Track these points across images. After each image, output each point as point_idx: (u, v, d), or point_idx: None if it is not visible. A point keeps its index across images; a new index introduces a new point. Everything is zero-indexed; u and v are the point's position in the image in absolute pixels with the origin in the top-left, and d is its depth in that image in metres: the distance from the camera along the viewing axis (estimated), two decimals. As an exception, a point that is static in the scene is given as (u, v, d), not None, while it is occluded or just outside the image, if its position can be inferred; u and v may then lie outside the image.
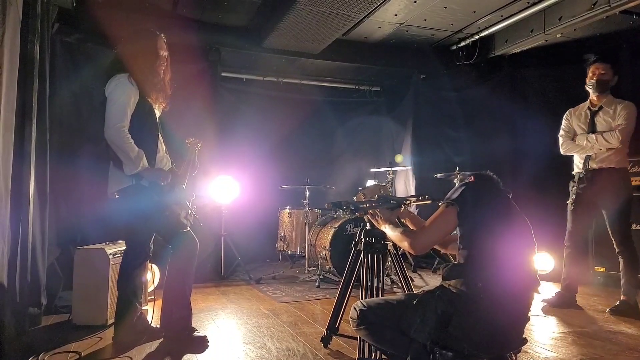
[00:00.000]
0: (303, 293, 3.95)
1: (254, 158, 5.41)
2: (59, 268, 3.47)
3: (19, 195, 2.68)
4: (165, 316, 2.54)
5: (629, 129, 3.21)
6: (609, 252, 4.11)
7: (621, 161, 3.28)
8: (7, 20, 2.34)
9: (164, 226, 2.53)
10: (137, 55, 2.45)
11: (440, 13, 4.43)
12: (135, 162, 2.36)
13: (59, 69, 3.72)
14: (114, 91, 2.37)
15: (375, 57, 5.36)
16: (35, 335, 2.76)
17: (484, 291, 1.58)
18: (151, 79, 2.48)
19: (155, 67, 2.50)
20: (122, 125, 2.33)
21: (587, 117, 3.41)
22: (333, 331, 2.47)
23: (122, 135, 2.32)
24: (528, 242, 1.73)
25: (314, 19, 4.11)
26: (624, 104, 3.30)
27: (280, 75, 5.72)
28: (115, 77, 2.41)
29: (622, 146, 3.23)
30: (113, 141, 2.34)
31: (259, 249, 5.57)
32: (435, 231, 1.78)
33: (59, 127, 3.69)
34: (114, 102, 2.36)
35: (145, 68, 2.46)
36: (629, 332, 2.83)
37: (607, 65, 3.36)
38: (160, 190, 2.47)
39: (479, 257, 1.65)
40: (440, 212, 1.77)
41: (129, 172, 2.38)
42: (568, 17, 4.18)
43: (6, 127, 2.42)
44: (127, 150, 2.34)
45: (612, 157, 3.27)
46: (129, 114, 2.38)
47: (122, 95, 2.37)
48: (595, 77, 3.36)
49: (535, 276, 1.70)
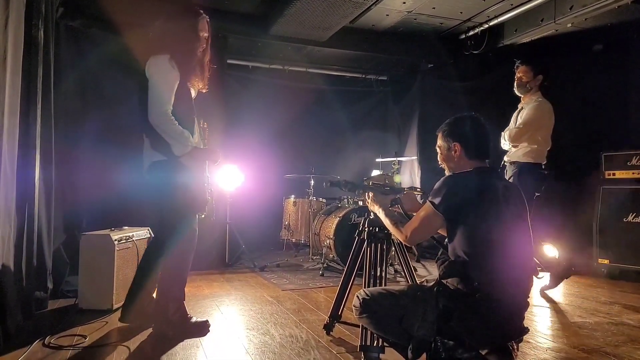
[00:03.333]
0: (307, 281, 3.96)
1: (259, 146, 5.40)
2: (65, 253, 3.50)
3: (24, 180, 2.69)
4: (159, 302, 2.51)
5: (525, 130, 3.52)
6: (613, 244, 4.12)
7: (523, 156, 3.54)
8: (11, 4, 2.33)
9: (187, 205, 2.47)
10: (178, 35, 2.38)
11: (449, 1, 4.36)
12: (184, 144, 2.36)
13: (63, 54, 3.70)
14: (156, 74, 2.33)
15: (383, 45, 5.29)
16: (42, 318, 2.80)
17: (480, 288, 1.58)
18: (190, 62, 2.41)
19: (195, 49, 2.43)
20: (167, 110, 2.31)
21: (515, 115, 3.74)
22: (336, 319, 2.48)
23: (167, 120, 2.30)
24: (521, 231, 1.72)
25: (321, 6, 4.06)
26: (533, 105, 3.56)
27: (286, 63, 5.67)
28: (157, 57, 2.35)
29: (526, 144, 3.52)
30: (158, 126, 2.31)
31: (264, 237, 5.60)
32: (423, 230, 1.82)
33: (64, 113, 3.68)
34: (158, 86, 2.32)
35: (187, 50, 2.39)
36: (631, 324, 2.83)
37: (527, 68, 3.61)
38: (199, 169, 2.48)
39: (471, 255, 1.64)
40: (426, 213, 1.78)
41: (179, 153, 2.37)
42: (579, 6, 4.10)
43: (11, 112, 2.42)
44: (174, 134, 2.33)
45: (517, 153, 3.58)
46: (172, 98, 2.34)
47: (165, 79, 2.32)
48: (516, 80, 3.67)
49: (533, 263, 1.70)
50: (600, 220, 4.23)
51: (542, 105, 3.55)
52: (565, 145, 3.94)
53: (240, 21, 4.70)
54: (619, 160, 4.24)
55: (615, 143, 4.53)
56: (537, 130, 3.52)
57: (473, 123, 1.89)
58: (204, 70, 2.55)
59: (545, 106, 3.55)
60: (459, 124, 1.90)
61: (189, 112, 2.48)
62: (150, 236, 3.41)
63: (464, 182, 1.76)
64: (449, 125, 1.92)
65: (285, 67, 5.71)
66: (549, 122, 3.56)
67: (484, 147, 1.88)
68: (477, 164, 1.83)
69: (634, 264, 3.98)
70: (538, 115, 3.52)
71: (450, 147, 1.87)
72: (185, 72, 2.41)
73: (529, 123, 3.52)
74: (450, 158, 1.89)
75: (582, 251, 3.79)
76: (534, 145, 3.53)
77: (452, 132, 1.89)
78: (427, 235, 1.87)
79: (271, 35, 4.79)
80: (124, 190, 3.76)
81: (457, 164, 1.86)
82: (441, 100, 5.55)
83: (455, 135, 1.87)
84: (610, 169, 4.29)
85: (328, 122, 6.19)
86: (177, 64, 2.35)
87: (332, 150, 6.22)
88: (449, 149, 1.88)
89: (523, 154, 3.56)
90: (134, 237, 3.20)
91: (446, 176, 1.82)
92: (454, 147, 1.86)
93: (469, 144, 1.85)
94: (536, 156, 3.54)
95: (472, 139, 1.86)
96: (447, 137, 1.89)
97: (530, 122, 3.51)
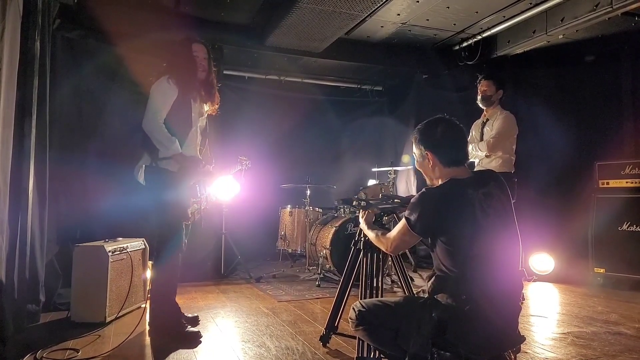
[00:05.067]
0: (303, 292, 3.94)
1: (255, 156, 5.35)
2: (58, 265, 3.46)
3: (18, 191, 2.67)
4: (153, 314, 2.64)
5: (499, 140, 3.64)
6: (609, 253, 4.12)
7: (500, 166, 3.64)
8: (8, 15, 2.34)
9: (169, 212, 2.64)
10: (175, 59, 2.73)
11: (443, 13, 4.41)
12: (168, 146, 2.58)
13: (59, 65, 3.70)
14: (154, 91, 2.64)
15: (378, 56, 5.34)
16: (34, 332, 2.76)
17: (469, 302, 1.57)
18: (189, 80, 2.69)
19: (192, 69, 2.71)
20: (157, 117, 2.57)
21: (479, 127, 3.88)
22: (332, 330, 2.46)
23: (156, 125, 2.56)
24: (505, 239, 1.67)
25: (316, 18, 4.09)
26: (501, 116, 3.72)
27: (282, 74, 5.70)
28: (158, 80, 2.68)
29: (501, 153, 3.66)
30: (148, 129, 2.57)
31: (260, 248, 5.56)
32: (402, 245, 1.84)
33: (59, 124, 3.67)
34: (153, 99, 2.62)
35: (184, 70, 2.69)
36: (628, 333, 2.82)
37: (490, 82, 3.78)
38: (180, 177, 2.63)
39: (456, 270, 1.62)
40: (403, 229, 1.74)
41: (162, 156, 2.60)
42: (570, 18, 4.16)
43: (5, 123, 2.42)
44: (160, 138, 2.57)
45: (492, 163, 3.69)
46: (166, 109, 2.60)
47: (161, 93, 2.62)
48: (480, 93, 3.82)
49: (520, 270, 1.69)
50: (595, 229, 4.24)
51: (510, 116, 3.75)
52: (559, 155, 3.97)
53: (237, 32, 4.73)
54: (613, 170, 4.26)
55: (609, 152, 4.57)
56: (508, 139, 3.70)
57: (445, 127, 1.77)
58: (211, 87, 2.83)
59: (512, 117, 3.75)
60: (430, 129, 1.79)
61: (184, 124, 2.69)
62: (145, 247, 3.39)
63: (438, 199, 1.67)
64: (420, 132, 1.81)
65: (281, 77, 5.74)
66: (515, 133, 3.76)
67: (459, 152, 1.76)
68: (454, 171, 1.74)
69: (629, 273, 3.98)
70: (510, 126, 3.71)
71: (424, 156, 1.79)
72: (184, 88, 2.66)
73: (503, 133, 3.67)
74: (425, 167, 1.81)
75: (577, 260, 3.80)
76: (506, 154, 3.69)
77: (423, 140, 1.79)
78: (407, 247, 1.92)
79: (267, 46, 4.82)
80: (119, 201, 3.73)
81: (433, 173, 1.79)
82: (436, 110, 5.48)
83: (428, 143, 1.77)
84: (604, 178, 4.32)
85: (324, 132, 6.21)
86: (175, 83, 2.64)
87: (328, 160, 6.23)
88: (422, 157, 1.80)
89: (499, 164, 3.68)
90: (128, 248, 3.17)
91: (422, 192, 1.71)
92: (427, 155, 1.77)
93: (443, 152, 1.74)
94: (510, 165, 3.72)
95: (446, 146, 1.75)
96: (419, 145, 1.80)
97: (503, 132, 3.67)
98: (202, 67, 2.75)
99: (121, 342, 2.49)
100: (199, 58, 2.75)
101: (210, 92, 2.83)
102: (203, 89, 2.77)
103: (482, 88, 3.83)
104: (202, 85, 2.77)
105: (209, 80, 2.81)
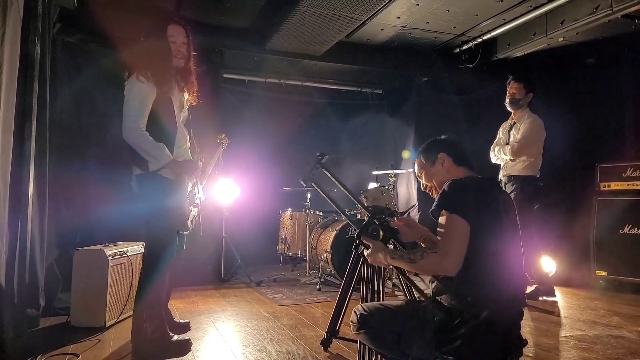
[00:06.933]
0: (304, 296, 3.92)
1: (256, 159, 5.40)
2: (58, 269, 3.45)
3: (18, 195, 2.67)
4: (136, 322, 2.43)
5: (524, 144, 3.64)
6: (610, 256, 4.11)
7: (524, 170, 3.67)
8: (8, 20, 2.34)
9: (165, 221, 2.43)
10: (149, 49, 2.39)
11: (443, 16, 4.42)
12: (158, 157, 2.32)
13: (60, 70, 3.71)
14: (128, 93, 2.35)
15: (378, 59, 5.34)
16: (33, 337, 2.75)
17: (474, 304, 1.56)
18: (164, 73, 2.39)
19: (168, 58, 2.40)
20: (138, 124, 2.30)
21: (507, 130, 3.87)
22: (333, 334, 2.45)
23: (138, 134, 2.29)
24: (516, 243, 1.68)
25: (316, 21, 4.10)
26: (528, 120, 3.70)
27: (282, 77, 5.70)
28: (135, 76, 2.36)
29: (525, 157, 3.65)
30: (131, 141, 2.31)
31: (260, 251, 5.55)
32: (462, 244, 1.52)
33: (59, 128, 3.68)
34: (128, 103, 2.33)
35: (159, 61, 2.38)
36: (630, 337, 2.80)
37: (520, 85, 3.75)
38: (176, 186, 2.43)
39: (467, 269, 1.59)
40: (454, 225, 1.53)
41: (154, 168, 2.33)
42: (570, 21, 4.16)
43: (5, 127, 2.41)
44: (146, 148, 2.31)
45: (516, 167, 3.70)
46: (146, 112, 2.33)
47: (135, 95, 2.33)
48: (509, 96, 3.79)
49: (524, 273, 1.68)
50: (597, 232, 4.23)
51: (537, 120, 3.72)
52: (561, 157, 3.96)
53: (237, 36, 4.74)
54: (614, 172, 4.26)
55: (610, 155, 4.56)
56: (534, 144, 3.68)
57: (448, 137, 1.86)
58: (188, 77, 2.51)
59: (539, 122, 3.73)
60: (434, 142, 1.86)
61: (169, 126, 2.44)
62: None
63: (473, 185, 1.64)
64: (424, 150, 1.86)
65: (282, 80, 5.74)
66: (542, 137, 3.72)
67: (465, 153, 1.82)
68: (468, 171, 1.77)
69: (631, 276, 3.96)
70: (536, 130, 3.69)
71: (436, 161, 1.79)
72: (161, 83, 2.37)
73: (529, 137, 3.65)
74: (439, 171, 1.78)
75: (579, 263, 3.80)
76: (532, 158, 3.67)
77: (431, 150, 1.82)
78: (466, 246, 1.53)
79: (267, 49, 4.83)
80: (119, 206, 3.73)
81: (448, 174, 1.75)
82: (437, 112, 5.58)
83: (437, 149, 1.80)
84: (605, 180, 4.31)
85: (324, 135, 6.20)
86: (151, 78, 2.34)
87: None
88: (434, 163, 1.80)
89: (522, 167, 3.68)
90: (128, 252, 3.17)
91: (451, 182, 1.63)
92: (440, 158, 1.78)
93: (454, 149, 1.80)
94: (534, 169, 3.68)
95: (455, 144, 1.83)
96: (428, 156, 1.82)
97: (529, 136, 3.66)
98: (180, 54, 2.43)
99: (121, 346, 2.48)
100: (176, 44, 2.41)
101: (187, 80, 2.51)
102: (180, 76, 2.47)
103: (511, 90, 3.77)
104: (179, 73, 2.46)
105: (187, 67, 2.50)
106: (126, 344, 2.51)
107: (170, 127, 2.44)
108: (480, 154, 5.40)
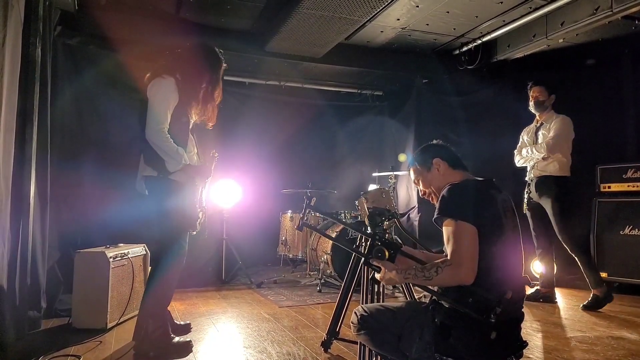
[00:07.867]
0: (304, 297, 3.93)
1: (256, 162, 5.41)
2: (59, 271, 3.46)
3: (19, 197, 2.68)
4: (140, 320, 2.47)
5: (558, 141, 3.63)
6: (610, 258, 4.11)
7: (558, 170, 3.65)
8: (9, 22, 2.35)
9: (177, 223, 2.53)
10: (193, 65, 2.54)
11: (443, 18, 4.43)
12: (177, 159, 2.45)
13: (60, 72, 3.73)
14: (158, 94, 2.43)
15: (378, 61, 5.35)
16: (35, 338, 2.75)
17: (475, 305, 1.56)
18: (195, 92, 2.54)
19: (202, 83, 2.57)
20: (163, 127, 2.40)
21: (532, 132, 3.88)
22: (334, 335, 2.45)
23: (162, 137, 2.39)
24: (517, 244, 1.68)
25: (316, 23, 4.11)
26: (558, 119, 3.71)
27: (282, 79, 5.71)
28: (163, 79, 2.46)
29: (560, 156, 3.64)
30: (154, 142, 2.40)
31: (261, 253, 5.55)
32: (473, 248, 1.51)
33: (60, 130, 3.69)
34: (157, 105, 2.41)
35: (196, 80, 2.54)
36: (631, 338, 2.80)
37: (541, 88, 3.80)
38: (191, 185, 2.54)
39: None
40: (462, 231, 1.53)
41: (173, 169, 2.45)
42: (570, 22, 4.17)
43: (7, 129, 2.42)
44: (168, 150, 2.42)
45: (550, 167, 3.67)
46: (169, 116, 2.44)
47: (164, 99, 2.43)
48: (533, 99, 3.83)
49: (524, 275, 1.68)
50: (597, 233, 4.22)
51: (567, 119, 3.71)
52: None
53: (237, 38, 4.75)
54: (614, 173, 4.25)
55: (610, 156, 4.56)
56: (566, 142, 3.67)
57: (438, 143, 1.90)
58: (213, 109, 2.71)
59: (570, 121, 3.70)
60: (427, 148, 1.88)
61: (183, 134, 2.55)
62: (146, 253, 3.38)
63: (471, 188, 1.65)
64: (419, 156, 1.87)
65: (282, 83, 5.75)
66: (572, 136, 3.72)
67: (458, 157, 1.85)
68: (464, 173, 1.78)
69: (631, 277, 3.96)
70: (568, 128, 3.68)
71: (432, 166, 1.81)
72: (187, 98, 2.51)
73: (562, 135, 3.64)
74: (435, 176, 1.80)
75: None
76: (565, 158, 3.66)
77: (425, 156, 1.84)
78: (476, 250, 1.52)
79: (267, 51, 4.84)
80: (120, 207, 3.74)
81: (445, 178, 1.77)
82: (437, 114, 5.59)
83: (431, 155, 1.82)
84: (605, 181, 4.31)
85: (325, 137, 6.22)
86: (181, 89, 2.48)
87: (328, 164, 6.23)
88: (430, 169, 1.81)
89: (557, 168, 3.64)
90: (129, 254, 3.17)
91: (449, 187, 1.65)
92: (435, 163, 1.80)
93: (447, 152, 1.83)
94: (567, 169, 3.69)
95: (447, 147, 1.86)
96: (423, 162, 1.84)
97: (562, 134, 3.64)
98: (219, 91, 2.69)
99: (122, 348, 2.48)
100: (220, 87, 2.67)
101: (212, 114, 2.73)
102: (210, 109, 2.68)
103: (534, 94, 3.80)
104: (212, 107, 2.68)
105: (216, 103, 2.73)
106: (127, 346, 2.51)
107: (183, 133, 2.55)
108: (480, 155, 5.44)
